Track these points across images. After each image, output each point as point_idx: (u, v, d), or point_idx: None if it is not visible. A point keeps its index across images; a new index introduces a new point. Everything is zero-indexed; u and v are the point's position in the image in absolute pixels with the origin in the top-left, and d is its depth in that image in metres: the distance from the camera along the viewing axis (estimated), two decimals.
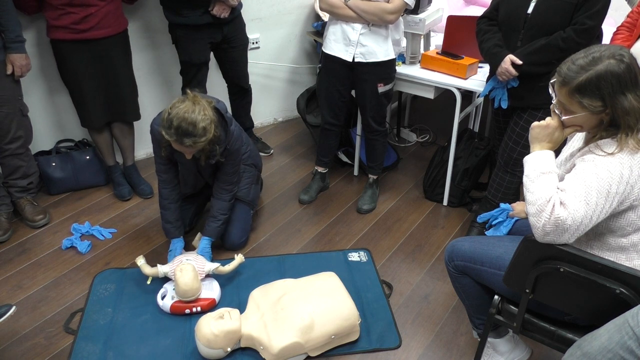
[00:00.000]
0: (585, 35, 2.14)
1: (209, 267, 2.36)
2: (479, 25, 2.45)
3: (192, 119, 2.07)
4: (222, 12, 2.78)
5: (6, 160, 2.74)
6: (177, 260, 2.36)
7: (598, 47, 1.48)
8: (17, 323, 2.26)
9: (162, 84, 3.39)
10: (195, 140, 2.10)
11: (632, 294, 1.40)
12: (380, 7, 2.49)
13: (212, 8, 2.76)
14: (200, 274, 2.32)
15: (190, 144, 2.11)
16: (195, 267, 2.32)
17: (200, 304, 2.28)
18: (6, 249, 2.70)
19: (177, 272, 2.26)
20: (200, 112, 2.10)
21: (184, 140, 2.10)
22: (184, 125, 2.07)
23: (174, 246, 2.50)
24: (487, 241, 1.82)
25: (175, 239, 2.51)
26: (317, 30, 3.75)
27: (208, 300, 2.30)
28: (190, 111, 2.08)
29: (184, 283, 2.22)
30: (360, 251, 2.69)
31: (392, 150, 3.49)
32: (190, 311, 2.27)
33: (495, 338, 1.95)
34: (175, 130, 2.08)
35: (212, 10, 2.76)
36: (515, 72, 2.26)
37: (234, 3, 2.77)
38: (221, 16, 2.78)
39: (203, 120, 2.10)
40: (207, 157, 2.30)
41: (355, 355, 2.14)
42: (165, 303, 2.28)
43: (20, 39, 2.55)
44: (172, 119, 2.08)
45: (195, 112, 2.09)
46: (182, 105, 2.10)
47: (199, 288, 2.28)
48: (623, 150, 1.44)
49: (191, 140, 2.10)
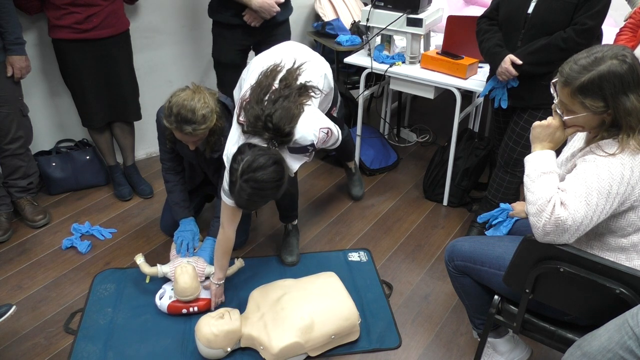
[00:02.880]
0: (586, 35, 2.15)
1: (209, 270, 2.35)
2: (479, 25, 2.45)
3: (191, 106, 2.07)
4: (253, 21, 2.74)
5: (6, 160, 2.74)
6: (178, 261, 2.36)
7: (600, 47, 1.47)
8: (17, 323, 2.26)
9: (162, 84, 3.39)
10: (195, 128, 2.09)
11: (632, 294, 1.40)
12: None
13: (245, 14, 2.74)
14: (200, 276, 2.32)
15: (189, 131, 2.10)
16: (196, 268, 2.32)
17: (197, 304, 2.28)
18: (6, 249, 2.70)
19: (177, 270, 2.26)
20: (200, 100, 2.10)
21: (184, 127, 2.09)
22: (183, 112, 2.07)
23: (184, 227, 2.47)
24: (487, 241, 1.82)
25: (185, 219, 2.50)
26: (317, 30, 3.75)
27: (205, 300, 2.30)
28: (189, 99, 2.09)
29: (184, 281, 2.22)
30: (360, 251, 2.69)
31: (392, 150, 3.50)
32: (187, 311, 2.27)
33: (495, 338, 1.95)
34: (175, 117, 2.08)
35: (243, 16, 2.74)
36: (515, 72, 2.26)
37: (266, 16, 2.72)
38: (251, 24, 2.75)
39: (203, 107, 2.09)
40: (211, 149, 2.30)
41: (355, 355, 2.14)
42: (163, 303, 2.28)
43: (20, 40, 2.55)
44: (172, 107, 2.08)
45: (194, 100, 2.09)
46: (183, 94, 2.11)
47: (197, 288, 2.27)
48: (624, 150, 1.44)
49: (191, 127, 2.08)
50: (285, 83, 2.02)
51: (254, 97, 1.96)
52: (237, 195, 1.89)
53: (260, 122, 1.91)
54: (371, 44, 3.02)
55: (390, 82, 3.08)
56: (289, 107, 1.94)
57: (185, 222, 2.51)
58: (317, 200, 3.12)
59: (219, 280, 2.28)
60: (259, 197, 1.91)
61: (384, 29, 2.93)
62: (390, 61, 2.97)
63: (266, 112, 1.91)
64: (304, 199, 3.09)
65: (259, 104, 1.94)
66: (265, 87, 1.99)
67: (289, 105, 1.94)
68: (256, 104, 1.93)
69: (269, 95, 1.97)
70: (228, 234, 2.21)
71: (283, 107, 1.92)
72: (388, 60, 2.98)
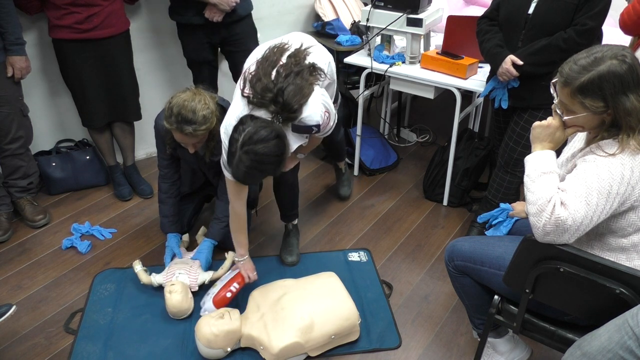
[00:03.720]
0: (586, 35, 2.15)
1: (202, 278, 2.35)
2: (479, 25, 2.45)
3: (192, 106, 2.07)
4: (214, 16, 2.73)
5: (6, 160, 2.74)
6: (171, 272, 2.35)
7: (600, 47, 1.47)
8: (17, 323, 2.27)
9: (162, 84, 3.39)
10: (195, 128, 2.08)
11: (632, 294, 1.40)
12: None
13: (206, 11, 2.73)
14: (192, 287, 2.32)
15: (190, 132, 2.09)
16: (188, 280, 2.31)
17: (237, 281, 2.28)
18: (6, 249, 2.70)
19: (166, 294, 2.24)
20: (201, 101, 2.10)
21: (184, 128, 2.08)
22: (184, 113, 2.06)
23: (170, 242, 2.50)
24: (487, 241, 1.82)
25: (171, 234, 2.51)
26: (317, 30, 3.75)
27: (241, 276, 2.30)
28: (190, 100, 2.09)
29: (172, 305, 2.22)
30: (360, 251, 2.69)
31: (392, 150, 3.50)
32: (232, 294, 2.26)
33: (495, 338, 1.95)
34: (176, 117, 2.07)
35: (204, 13, 2.74)
36: (516, 72, 2.26)
37: (225, 8, 2.72)
38: (214, 20, 2.74)
39: (203, 108, 2.09)
40: (211, 153, 2.30)
41: (355, 355, 2.14)
42: (208, 306, 2.25)
43: (21, 41, 2.55)
44: (173, 107, 2.08)
45: (195, 101, 2.09)
46: (183, 95, 2.11)
47: (189, 308, 2.27)
48: (624, 151, 1.44)
49: (191, 127, 2.08)
50: (295, 59, 2.01)
51: (261, 70, 1.94)
52: (235, 167, 1.86)
53: (269, 94, 1.90)
54: (371, 44, 3.02)
55: (390, 82, 3.08)
56: (302, 85, 1.92)
57: (171, 237, 2.51)
58: (317, 200, 3.12)
59: (241, 257, 2.28)
60: (258, 171, 1.88)
61: (384, 29, 2.93)
62: (390, 61, 2.97)
63: (278, 85, 1.90)
64: (304, 199, 3.09)
65: (266, 76, 1.92)
66: (272, 62, 1.98)
67: (301, 82, 1.93)
68: (264, 76, 1.92)
69: (277, 69, 1.95)
70: (236, 210, 2.19)
71: (295, 84, 1.91)
72: (388, 60, 2.98)
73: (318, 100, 2.00)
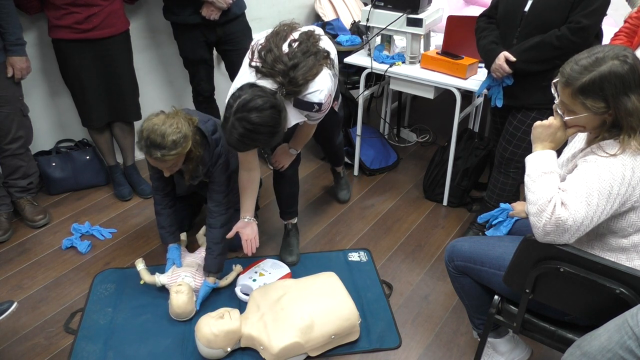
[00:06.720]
0: (580, 33, 2.14)
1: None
2: (478, 23, 2.46)
3: (161, 130, 1.99)
4: (211, 14, 2.73)
5: (6, 160, 2.74)
6: (176, 273, 2.34)
7: (602, 48, 1.47)
8: (17, 323, 2.27)
9: (162, 84, 3.39)
10: (164, 153, 2.00)
11: (632, 294, 1.40)
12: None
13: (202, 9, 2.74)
14: (197, 291, 2.33)
15: (158, 157, 2.01)
16: (193, 284, 2.31)
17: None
18: (6, 249, 2.70)
19: (172, 294, 2.24)
20: (173, 125, 2.02)
21: (152, 152, 2.01)
22: (152, 137, 1.99)
23: (171, 254, 2.43)
24: (487, 241, 1.82)
25: (171, 245, 2.45)
26: None
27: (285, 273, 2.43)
28: (160, 123, 2.01)
29: (177, 306, 2.22)
30: (360, 251, 2.69)
31: (392, 150, 3.50)
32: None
33: (495, 338, 1.95)
34: (145, 141, 2.01)
35: (201, 12, 2.74)
36: (508, 69, 2.26)
37: (222, 6, 2.72)
38: (210, 18, 2.74)
39: (174, 133, 2.00)
40: (190, 176, 2.26)
41: (355, 355, 2.14)
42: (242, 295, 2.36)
43: (21, 41, 2.55)
44: (143, 131, 2.02)
45: (165, 125, 2.01)
46: (155, 119, 2.05)
47: (192, 311, 2.27)
48: (625, 151, 1.44)
49: (159, 152, 1.99)
50: (313, 40, 2.03)
51: (273, 42, 1.96)
52: (229, 132, 1.87)
53: (280, 65, 1.91)
54: (371, 44, 3.02)
55: (390, 82, 3.08)
56: (314, 65, 1.96)
57: (172, 248, 2.44)
58: (317, 200, 3.12)
59: (243, 217, 2.30)
60: (250, 140, 1.89)
61: (384, 29, 2.93)
62: (390, 61, 2.97)
63: (294, 60, 1.92)
64: (304, 199, 3.09)
65: (278, 48, 1.94)
66: (283, 36, 2.00)
67: (314, 63, 1.96)
68: (275, 48, 1.94)
69: (289, 42, 1.98)
70: (244, 178, 2.23)
71: (307, 65, 1.94)
72: (388, 60, 2.98)
73: (326, 80, 2.02)
